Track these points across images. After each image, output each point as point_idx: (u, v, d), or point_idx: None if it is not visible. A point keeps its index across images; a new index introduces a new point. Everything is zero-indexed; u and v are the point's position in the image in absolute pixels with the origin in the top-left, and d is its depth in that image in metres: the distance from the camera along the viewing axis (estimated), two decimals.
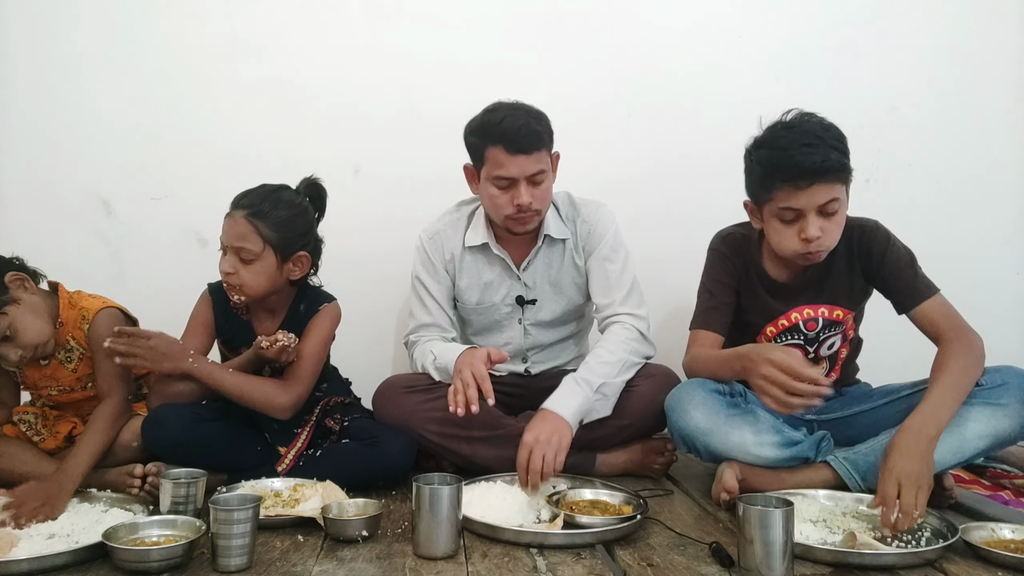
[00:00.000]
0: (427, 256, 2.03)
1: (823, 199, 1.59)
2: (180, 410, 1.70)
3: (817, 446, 1.70)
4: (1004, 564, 1.31)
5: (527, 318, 2.04)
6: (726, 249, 1.84)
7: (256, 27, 2.41)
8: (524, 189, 1.83)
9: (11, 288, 1.62)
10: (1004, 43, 2.62)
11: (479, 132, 1.86)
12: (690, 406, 1.68)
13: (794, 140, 1.58)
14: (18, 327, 1.62)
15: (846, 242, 1.73)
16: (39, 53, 2.34)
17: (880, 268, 1.72)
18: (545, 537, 1.40)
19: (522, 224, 1.90)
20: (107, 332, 1.63)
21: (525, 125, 1.80)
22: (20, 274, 1.65)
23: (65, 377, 1.76)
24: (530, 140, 1.80)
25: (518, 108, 1.85)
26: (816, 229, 1.60)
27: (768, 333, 1.81)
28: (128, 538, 1.31)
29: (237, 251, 1.72)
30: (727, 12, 2.55)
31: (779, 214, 1.64)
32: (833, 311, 1.78)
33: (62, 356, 1.75)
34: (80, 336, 1.74)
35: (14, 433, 1.76)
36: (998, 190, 2.64)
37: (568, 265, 2.01)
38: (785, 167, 1.58)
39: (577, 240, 2.01)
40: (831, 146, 1.58)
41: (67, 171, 2.35)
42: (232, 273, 1.73)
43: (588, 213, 2.01)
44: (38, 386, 1.78)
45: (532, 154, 1.81)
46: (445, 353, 1.87)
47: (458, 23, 2.47)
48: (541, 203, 1.88)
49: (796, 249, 1.65)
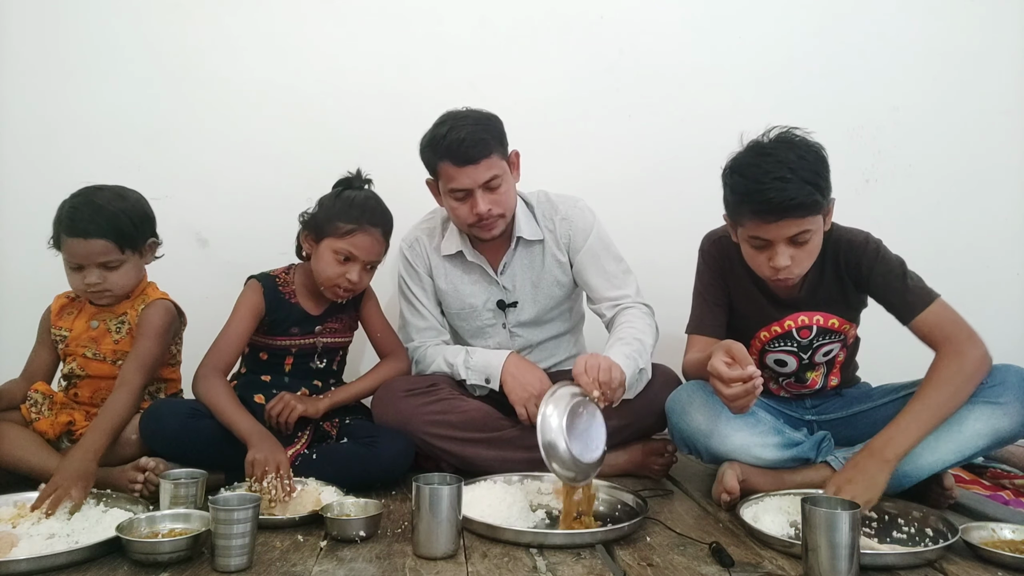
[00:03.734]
0: (409, 264, 2.05)
1: (792, 232, 1.55)
2: (178, 406, 1.74)
3: (818, 446, 1.70)
4: (1004, 564, 1.31)
5: (510, 321, 2.04)
6: (715, 251, 1.84)
7: (256, 28, 2.41)
8: (481, 197, 1.83)
9: (147, 246, 1.82)
10: (1004, 43, 2.63)
11: (429, 148, 1.87)
12: (691, 408, 1.68)
13: (766, 172, 1.52)
14: (122, 270, 1.76)
15: (834, 257, 1.71)
16: (39, 53, 2.35)
17: (870, 282, 1.69)
18: (545, 537, 1.40)
19: (487, 230, 1.90)
20: (157, 318, 1.80)
21: (470, 136, 1.79)
22: (158, 245, 1.86)
23: (106, 345, 1.81)
24: (477, 149, 1.79)
25: (465, 117, 1.84)
26: (785, 259, 1.58)
27: (761, 337, 1.80)
28: (148, 531, 1.35)
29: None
30: (727, 13, 2.56)
31: (750, 240, 1.62)
32: (828, 320, 1.76)
33: (112, 325, 1.82)
34: (133, 316, 1.82)
35: (24, 412, 1.77)
36: (998, 190, 2.64)
37: (550, 264, 2.01)
38: (753, 201, 1.54)
39: (558, 238, 2.00)
40: (804, 179, 1.51)
41: (67, 171, 2.33)
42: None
43: (567, 210, 2.00)
44: (78, 344, 1.81)
45: (480, 162, 1.80)
46: (485, 355, 1.93)
47: (458, 24, 2.47)
48: (502, 207, 1.87)
49: (766, 275, 1.65)
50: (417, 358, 2.03)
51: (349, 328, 2.01)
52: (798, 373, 1.82)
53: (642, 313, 1.92)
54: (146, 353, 1.76)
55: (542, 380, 1.87)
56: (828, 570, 1.18)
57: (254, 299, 1.89)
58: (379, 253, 1.87)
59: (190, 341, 1.92)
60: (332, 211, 1.85)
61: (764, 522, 1.47)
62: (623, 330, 1.84)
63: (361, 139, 2.40)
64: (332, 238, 1.83)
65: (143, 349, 1.76)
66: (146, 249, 1.83)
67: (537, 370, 1.91)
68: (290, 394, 1.82)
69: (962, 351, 1.56)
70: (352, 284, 1.85)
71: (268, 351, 1.93)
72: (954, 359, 1.56)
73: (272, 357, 1.93)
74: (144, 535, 1.34)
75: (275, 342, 1.91)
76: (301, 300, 1.93)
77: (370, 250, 1.84)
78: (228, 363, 1.83)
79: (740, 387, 1.45)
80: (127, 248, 1.75)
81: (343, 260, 1.83)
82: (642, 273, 2.02)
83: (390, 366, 1.98)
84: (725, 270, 1.82)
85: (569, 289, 2.05)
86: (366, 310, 2.02)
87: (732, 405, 1.48)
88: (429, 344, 2.03)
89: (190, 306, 1.90)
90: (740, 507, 1.52)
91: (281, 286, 1.92)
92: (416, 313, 2.05)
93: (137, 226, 1.77)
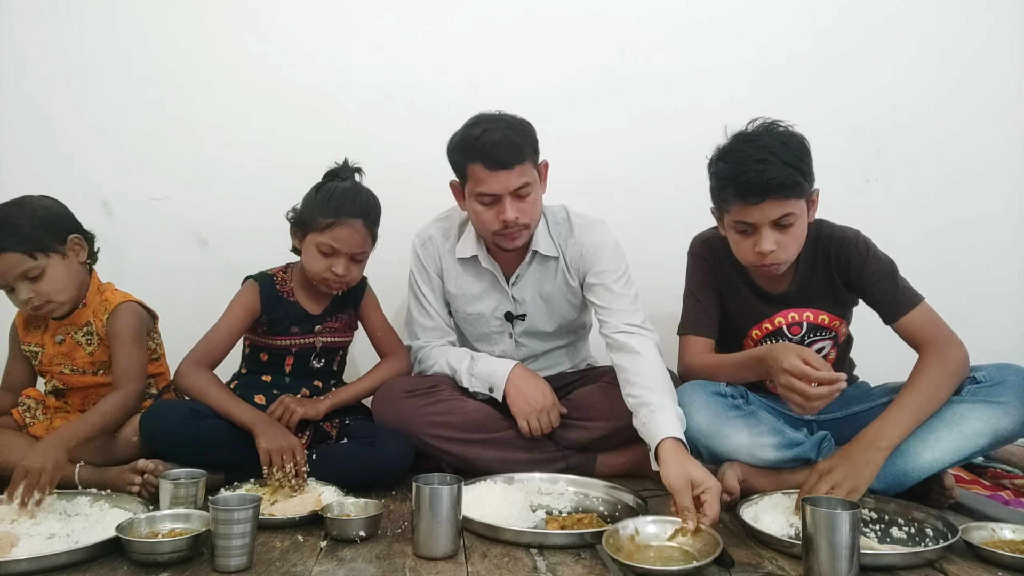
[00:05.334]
0: (420, 262, 2.03)
1: (776, 214, 1.59)
2: (177, 406, 1.74)
3: (818, 447, 1.70)
4: (1004, 564, 1.31)
5: (517, 331, 2.03)
6: (704, 252, 1.85)
7: (256, 28, 2.41)
8: (509, 204, 1.78)
9: (67, 244, 1.73)
10: (1004, 43, 2.62)
11: (459, 149, 1.81)
12: (692, 408, 1.68)
13: (748, 155, 1.58)
14: (48, 275, 1.70)
15: (824, 253, 1.74)
16: (39, 53, 2.35)
17: (859, 280, 1.71)
18: (545, 537, 1.40)
19: (511, 239, 1.85)
20: (127, 324, 1.76)
21: (505, 139, 1.74)
22: (81, 240, 1.77)
23: (81, 358, 1.80)
24: (511, 154, 1.75)
25: (498, 120, 1.79)
26: (770, 243, 1.61)
27: (753, 336, 1.81)
28: (147, 531, 1.35)
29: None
30: (727, 12, 2.55)
31: (735, 226, 1.65)
32: (819, 316, 1.78)
33: (81, 338, 1.79)
34: (100, 326, 1.78)
35: (17, 417, 1.77)
36: (998, 190, 2.64)
37: (561, 282, 1.98)
38: (737, 183, 1.59)
39: (568, 261, 1.96)
40: (785, 162, 1.56)
41: (67, 171, 2.35)
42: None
43: (581, 234, 1.95)
44: (53, 363, 1.80)
45: (514, 168, 1.76)
46: (489, 363, 1.91)
47: (460, 24, 2.47)
48: (529, 217, 1.83)
49: (752, 261, 1.67)
50: (421, 357, 2.02)
51: (349, 328, 2.01)
52: None
53: (652, 346, 1.77)
54: (128, 359, 1.75)
55: (545, 393, 1.86)
56: (828, 570, 1.18)
57: (249, 300, 1.88)
58: (362, 244, 1.84)
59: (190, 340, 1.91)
60: (313, 205, 1.85)
61: (764, 522, 1.47)
62: (654, 385, 1.65)
63: (361, 139, 2.40)
64: (314, 232, 1.83)
65: (124, 357, 1.74)
66: (68, 249, 1.74)
67: (541, 383, 1.90)
68: (290, 397, 1.82)
69: (945, 352, 1.60)
70: (340, 277, 1.83)
71: (268, 351, 1.92)
72: (938, 359, 1.60)
73: (272, 357, 1.93)
74: (144, 535, 1.34)
75: (275, 342, 1.91)
76: (300, 298, 1.93)
77: (351, 242, 1.82)
78: (214, 359, 1.83)
79: (827, 389, 1.44)
80: (37, 253, 1.68)
81: (326, 254, 1.82)
82: (642, 272, 2.01)
83: (390, 366, 1.98)
84: (715, 270, 1.83)
85: (580, 308, 2.04)
86: (365, 309, 2.02)
87: (809, 405, 1.46)
88: (434, 344, 2.02)
89: (190, 306, 1.90)
90: (740, 507, 1.52)
91: (279, 285, 1.92)
92: (423, 312, 2.04)
93: (42, 229, 1.69)
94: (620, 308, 1.86)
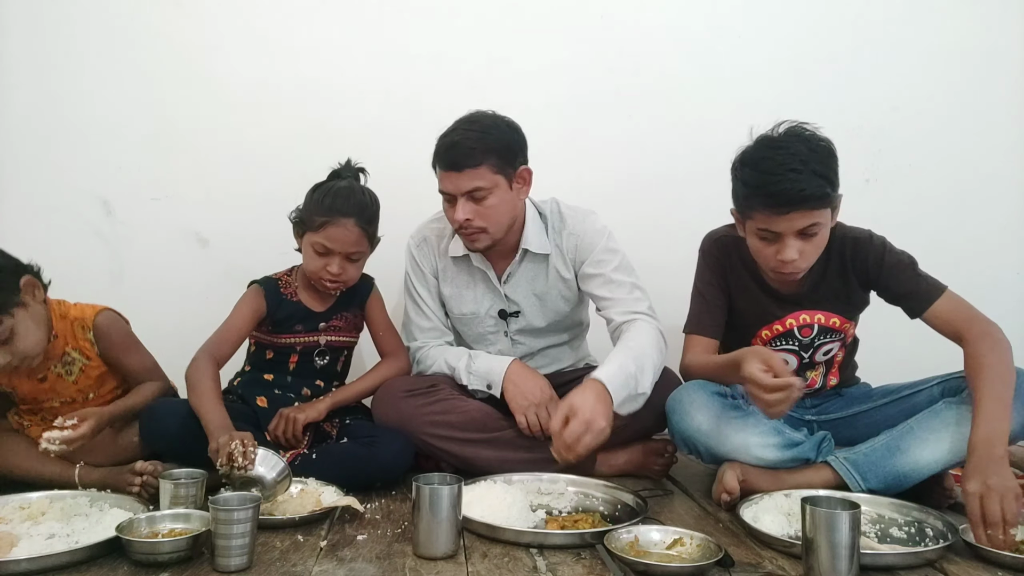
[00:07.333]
0: (416, 263, 2.04)
1: (802, 224, 1.57)
2: (177, 406, 1.73)
3: (818, 447, 1.70)
4: (1004, 564, 1.31)
5: (512, 328, 2.04)
6: (716, 251, 1.84)
7: (256, 27, 2.41)
8: (461, 205, 1.79)
9: (23, 291, 1.58)
10: (1005, 43, 2.62)
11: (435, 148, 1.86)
12: (691, 408, 1.68)
13: (779, 164, 1.53)
14: (18, 332, 1.57)
15: (839, 254, 1.72)
16: (39, 53, 2.35)
17: (880, 276, 1.70)
18: (545, 537, 1.40)
19: (470, 241, 1.87)
20: (118, 332, 1.74)
21: (462, 141, 1.76)
22: (35, 280, 1.63)
23: (66, 389, 1.75)
24: (461, 157, 1.76)
25: (471, 122, 1.80)
26: (794, 252, 1.58)
27: (763, 336, 1.81)
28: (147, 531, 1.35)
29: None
30: (728, 13, 2.55)
31: (758, 233, 1.62)
32: (830, 318, 1.77)
33: (61, 369, 1.73)
34: (84, 346, 1.73)
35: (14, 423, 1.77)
36: (999, 191, 2.64)
37: (554, 278, 1.98)
38: (766, 193, 1.55)
39: (564, 253, 1.97)
40: (815, 171, 1.53)
41: (67, 171, 2.35)
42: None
43: (575, 224, 1.96)
44: (39, 400, 1.76)
45: (464, 171, 1.76)
46: (487, 360, 1.92)
47: (459, 24, 2.47)
48: (486, 221, 1.81)
49: (772, 267, 1.65)
50: (419, 358, 2.03)
51: (354, 327, 2.01)
52: (798, 372, 1.82)
53: (649, 327, 1.81)
54: (140, 363, 1.77)
55: (543, 388, 1.87)
56: (828, 570, 1.18)
57: (255, 302, 1.89)
58: (355, 244, 1.83)
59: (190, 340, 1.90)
60: (309, 204, 1.86)
61: (764, 522, 1.47)
62: (625, 347, 1.73)
63: (361, 139, 2.39)
64: (310, 232, 1.83)
65: (136, 362, 1.77)
66: (25, 296, 1.59)
67: (539, 378, 1.90)
68: (287, 408, 1.82)
69: (990, 332, 1.57)
70: (335, 276, 1.83)
71: (274, 349, 1.93)
72: (987, 340, 1.56)
73: (277, 355, 1.93)
74: (144, 535, 1.34)
75: (280, 340, 1.91)
76: (303, 297, 1.93)
77: (345, 241, 1.81)
78: (224, 353, 1.82)
79: (782, 395, 1.44)
80: (1, 316, 1.53)
81: (321, 253, 1.83)
82: (643, 273, 2.01)
83: (390, 366, 1.98)
84: (726, 269, 1.82)
85: (575, 303, 2.04)
86: (370, 309, 2.02)
87: (770, 411, 1.48)
88: (432, 344, 2.03)
89: (190, 306, 1.90)
90: (740, 507, 1.52)
91: (283, 287, 1.93)
92: (420, 313, 2.05)
93: None
94: (620, 297, 1.87)
